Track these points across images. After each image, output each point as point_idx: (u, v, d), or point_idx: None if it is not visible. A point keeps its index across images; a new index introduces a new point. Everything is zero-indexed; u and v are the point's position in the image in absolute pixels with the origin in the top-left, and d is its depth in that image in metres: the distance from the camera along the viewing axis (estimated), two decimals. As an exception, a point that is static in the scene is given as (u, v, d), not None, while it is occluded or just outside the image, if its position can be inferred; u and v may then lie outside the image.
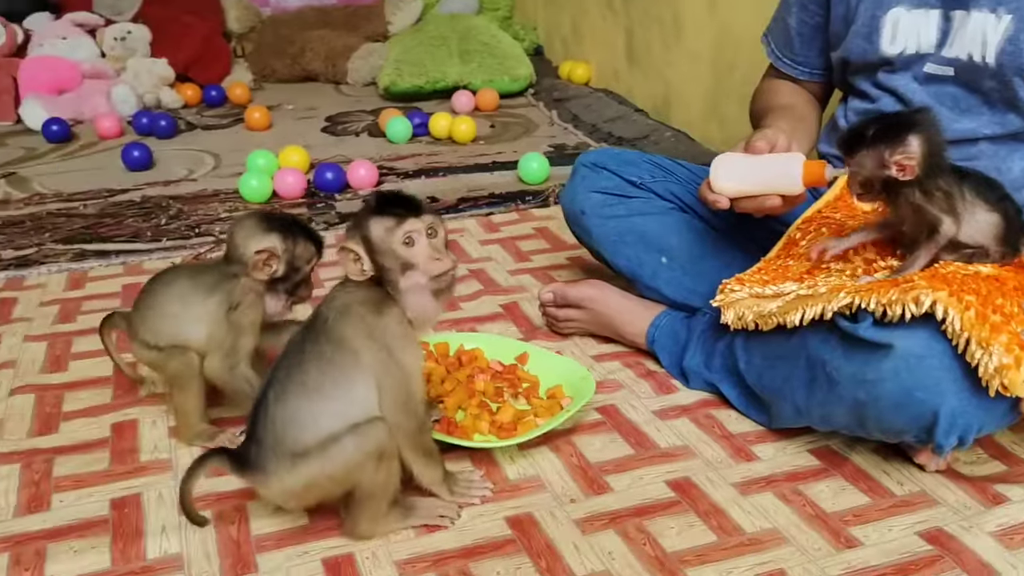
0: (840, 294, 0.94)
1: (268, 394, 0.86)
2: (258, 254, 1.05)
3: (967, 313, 0.84)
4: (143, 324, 1.07)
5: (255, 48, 3.22)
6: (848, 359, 0.93)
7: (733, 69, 2.17)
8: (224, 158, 2.32)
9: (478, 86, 2.83)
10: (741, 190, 1.06)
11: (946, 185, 0.93)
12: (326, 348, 0.85)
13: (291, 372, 0.85)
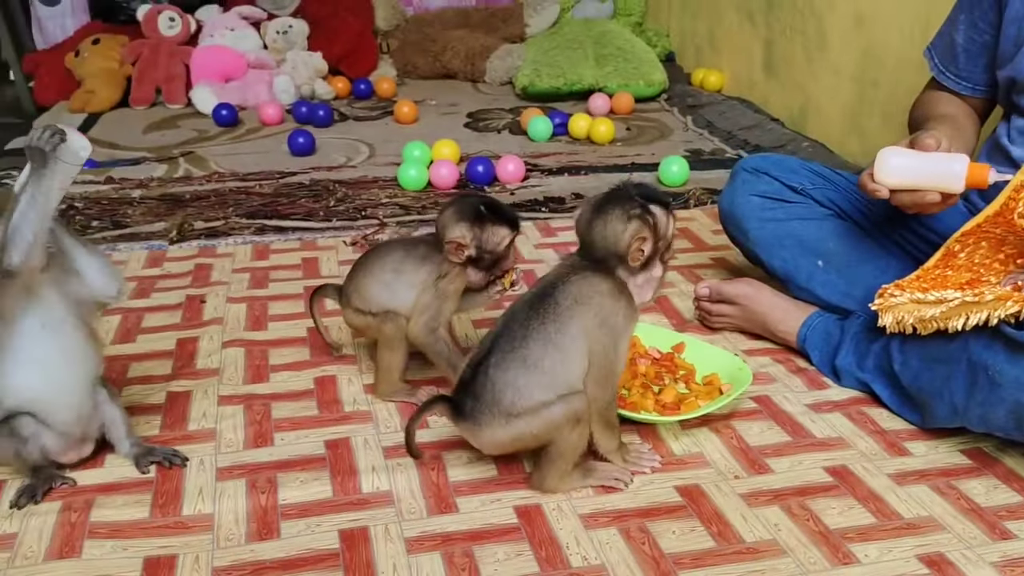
0: (1008, 303, 1.00)
1: (489, 359, 0.97)
2: (448, 243, 1.17)
3: None
4: (357, 292, 1.21)
5: (399, 45, 3.39)
6: (1012, 363, 0.98)
7: (877, 86, 2.19)
8: (378, 148, 2.49)
9: (613, 90, 2.93)
10: (904, 183, 1.12)
11: None
12: (552, 331, 0.96)
13: (515, 346, 0.96)
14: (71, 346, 1.01)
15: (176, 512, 0.99)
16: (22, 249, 0.92)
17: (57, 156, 0.94)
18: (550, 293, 0.99)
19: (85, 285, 1.01)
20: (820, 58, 2.46)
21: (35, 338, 0.97)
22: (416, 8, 3.60)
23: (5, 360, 0.97)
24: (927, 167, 1.12)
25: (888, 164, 1.13)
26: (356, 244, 1.81)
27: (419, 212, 1.98)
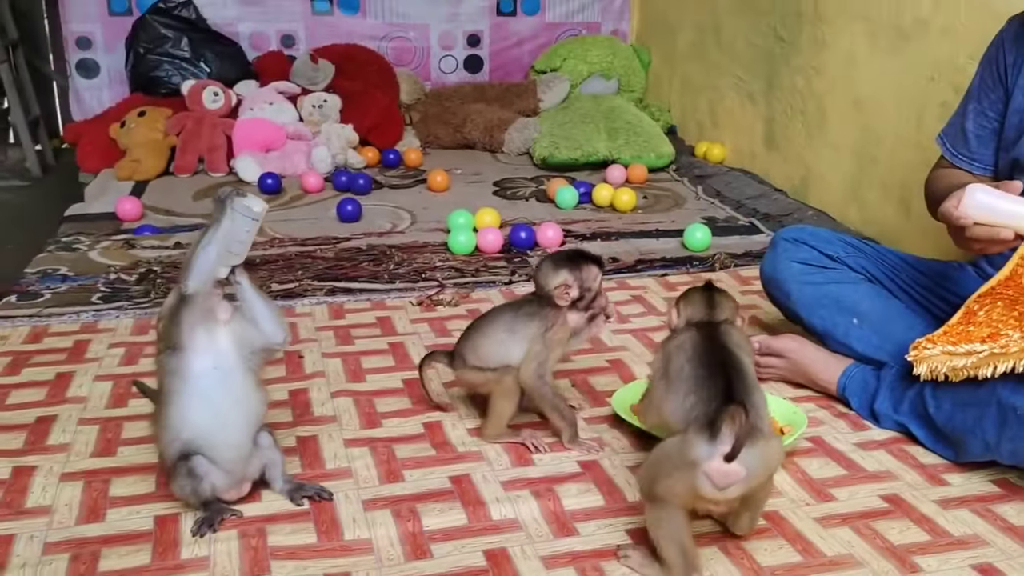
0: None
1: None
2: (557, 288, 1.36)
3: None
4: (475, 353, 1.38)
5: (422, 118, 3.62)
6: (1038, 404, 1.19)
7: (875, 161, 2.45)
8: (418, 215, 2.68)
9: (627, 161, 3.16)
10: (988, 217, 1.26)
11: None
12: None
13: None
14: (240, 390, 1.17)
15: (339, 537, 1.14)
16: (198, 279, 1.11)
17: (233, 207, 1.12)
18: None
19: (259, 332, 1.17)
20: (820, 135, 2.72)
21: (208, 377, 1.13)
22: (435, 83, 3.85)
23: (184, 392, 1.13)
24: (1010, 207, 1.26)
25: (975, 199, 1.27)
26: (422, 304, 1.99)
27: (473, 274, 2.17)
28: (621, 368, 1.69)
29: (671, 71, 3.76)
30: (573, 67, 3.75)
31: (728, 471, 0.99)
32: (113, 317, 1.88)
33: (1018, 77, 1.48)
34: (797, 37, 2.79)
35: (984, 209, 1.26)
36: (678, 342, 1.16)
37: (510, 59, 3.94)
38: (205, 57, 3.40)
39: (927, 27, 2.22)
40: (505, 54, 3.93)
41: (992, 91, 1.53)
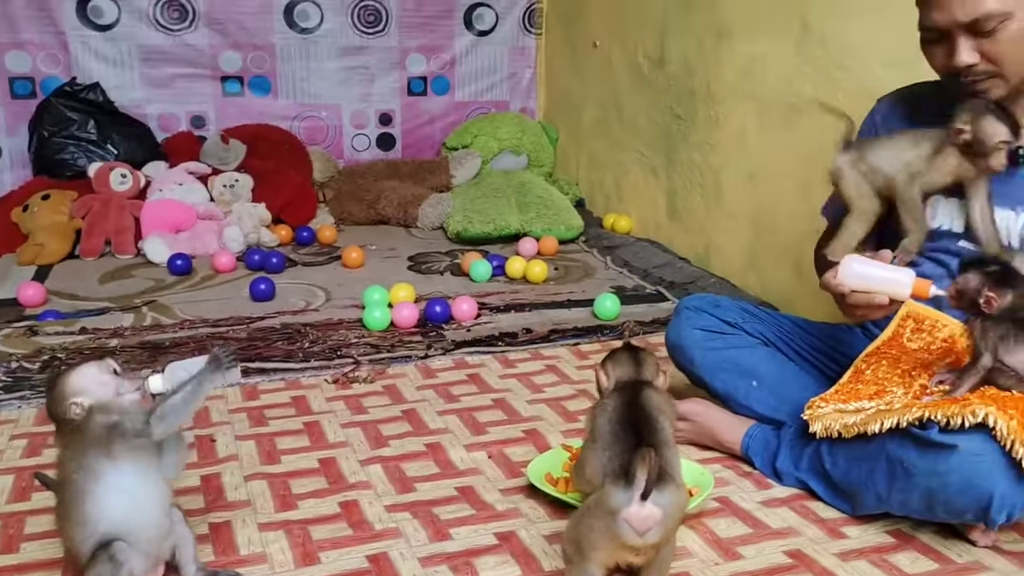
0: (913, 409, 1.29)
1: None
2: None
3: (1011, 422, 1.19)
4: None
5: (335, 195, 3.65)
6: (922, 457, 1.27)
7: (770, 231, 2.59)
8: (333, 292, 2.69)
9: (538, 233, 3.26)
10: (863, 284, 1.36)
11: (1002, 330, 1.29)
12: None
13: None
14: (156, 473, 1.15)
15: (254, 624, 1.12)
16: (166, 429, 1.14)
17: (226, 373, 1.18)
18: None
19: (163, 462, 1.17)
20: (718, 207, 2.87)
21: (126, 473, 1.12)
22: (348, 161, 3.90)
23: (99, 489, 1.11)
24: (883, 275, 1.37)
25: (851, 269, 1.37)
26: (338, 382, 1.99)
27: (388, 350, 2.18)
28: (536, 438, 1.72)
29: (578, 147, 3.91)
30: (484, 144, 3.86)
31: (646, 515, 1.05)
32: (15, 407, 1.82)
33: (887, 153, 1.62)
34: (693, 115, 2.96)
35: (859, 278, 1.36)
36: (602, 404, 1.23)
37: (422, 137, 4.03)
38: (112, 139, 3.37)
39: (812, 106, 2.40)
40: (417, 132, 4.02)
41: (866, 166, 1.66)
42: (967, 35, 1.33)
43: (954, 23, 1.33)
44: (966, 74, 1.37)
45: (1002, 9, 1.30)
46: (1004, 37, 1.32)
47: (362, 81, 3.89)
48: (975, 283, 1.31)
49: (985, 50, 1.34)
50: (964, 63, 1.35)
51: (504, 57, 4.08)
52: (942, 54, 1.39)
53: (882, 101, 1.65)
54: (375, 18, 3.82)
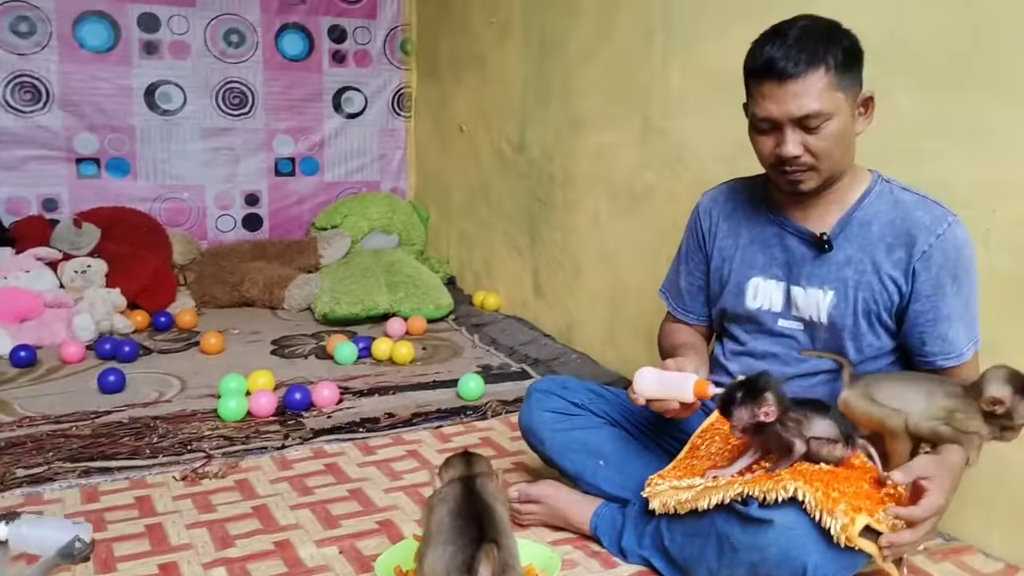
0: (735, 486, 1.37)
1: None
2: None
3: (817, 494, 1.28)
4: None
5: (197, 277, 3.57)
6: (744, 532, 1.34)
7: (624, 307, 2.71)
8: (189, 380, 2.61)
9: (407, 313, 3.28)
10: (653, 394, 1.51)
11: (795, 415, 1.39)
12: None
13: None
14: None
15: None
16: None
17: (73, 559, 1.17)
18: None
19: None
20: (578, 285, 2.97)
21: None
22: (211, 242, 3.83)
23: None
24: (668, 383, 1.52)
25: (641, 380, 1.52)
26: (186, 479, 1.92)
27: (243, 442, 2.13)
28: (390, 528, 1.71)
29: (448, 225, 3.99)
30: (354, 224, 3.88)
31: None
32: None
33: (714, 242, 1.74)
34: (552, 198, 3.09)
35: (650, 388, 1.52)
36: (441, 495, 1.25)
37: (290, 217, 4.02)
38: (-47, 225, 3.20)
39: (654, 193, 2.55)
40: (285, 212, 4.01)
41: (696, 254, 1.78)
42: (796, 129, 1.47)
43: (788, 117, 1.46)
44: (790, 164, 1.50)
45: (828, 110, 1.45)
46: (825, 134, 1.46)
47: (227, 162, 3.86)
48: (745, 414, 1.40)
49: (809, 144, 1.48)
50: (791, 154, 1.48)
51: (374, 139, 4.14)
52: (771, 143, 1.51)
53: (705, 196, 1.78)
54: (240, 100, 3.82)
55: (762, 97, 1.48)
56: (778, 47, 1.44)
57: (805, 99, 1.43)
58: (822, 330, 1.58)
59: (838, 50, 1.43)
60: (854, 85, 1.47)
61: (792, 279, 1.61)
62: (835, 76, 1.43)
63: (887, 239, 1.52)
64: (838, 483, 1.34)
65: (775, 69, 1.43)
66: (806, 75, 1.42)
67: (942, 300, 1.49)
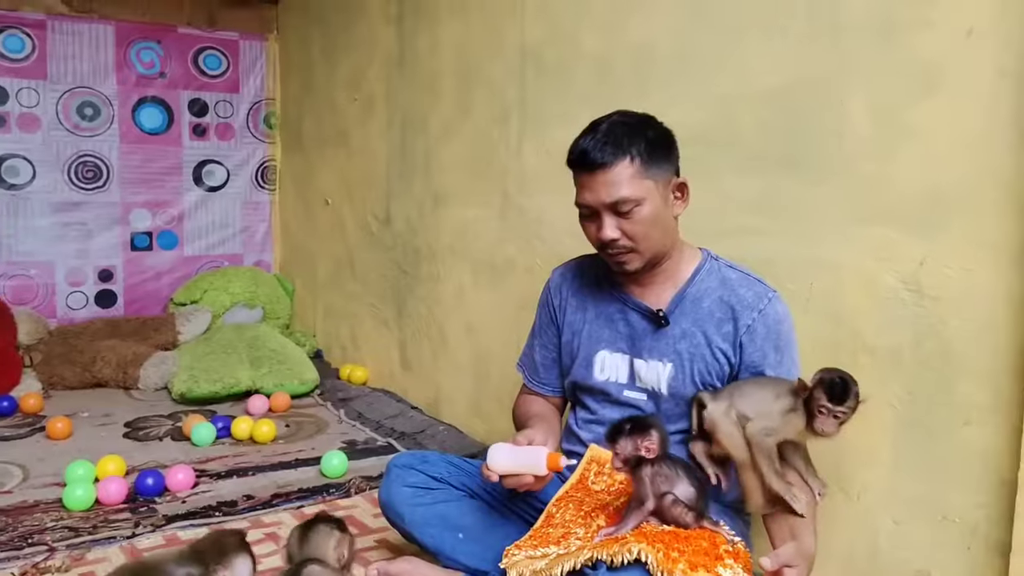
0: (584, 552, 1.43)
1: None
2: None
3: (658, 555, 1.36)
4: None
5: (44, 358, 3.39)
6: (594, 595, 1.40)
7: (489, 377, 2.77)
8: (32, 468, 2.46)
9: (270, 390, 3.22)
10: (507, 469, 1.56)
11: (668, 468, 1.47)
12: None
13: None
14: None
15: None
16: None
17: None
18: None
19: None
20: (444, 356, 3.02)
21: None
22: (61, 320, 3.65)
23: None
24: (521, 458, 1.57)
25: (494, 458, 1.57)
26: (26, 575, 1.81)
27: (90, 532, 2.02)
28: (246, 617, 1.66)
29: (314, 298, 3.97)
30: (215, 298, 3.80)
31: None
32: None
33: (564, 317, 1.83)
34: (417, 271, 3.14)
35: (504, 464, 1.56)
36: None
37: (147, 292, 3.90)
38: None
39: (514, 266, 2.65)
40: (141, 288, 3.89)
41: (549, 328, 1.87)
42: (611, 214, 1.59)
43: (600, 204, 1.58)
44: (611, 247, 1.61)
45: (636, 195, 1.56)
46: (638, 219, 1.58)
47: (79, 237, 3.72)
48: (629, 445, 1.50)
49: (625, 228, 1.59)
50: (608, 237, 1.59)
51: (237, 212, 4.10)
52: (593, 228, 1.63)
53: (555, 272, 1.88)
54: (95, 174, 3.72)
55: (580, 186, 1.61)
56: (590, 139, 1.57)
57: (614, 187, 1.56)
58: (664, 399, 1.69)
59: (642, 142, 1.57)
60: (664, 172, 1.60)
61: (635, 352, 1.71)
62: (641, 165, 1.56)
63: (716, 314, 1.65)
64: (678, 543, 1.42)
65: (586, 160, 1.57)
66: (613, 165, 1.55)
67: (768, 370, 1.62)
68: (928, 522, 1.59)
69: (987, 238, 1.48)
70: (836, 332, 1.74)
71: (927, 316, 1.58)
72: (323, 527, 1.33)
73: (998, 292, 1.47)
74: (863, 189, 1.68)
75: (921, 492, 1.60)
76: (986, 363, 1.49)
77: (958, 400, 1.54)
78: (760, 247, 1.85)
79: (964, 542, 1.53)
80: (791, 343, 1.65)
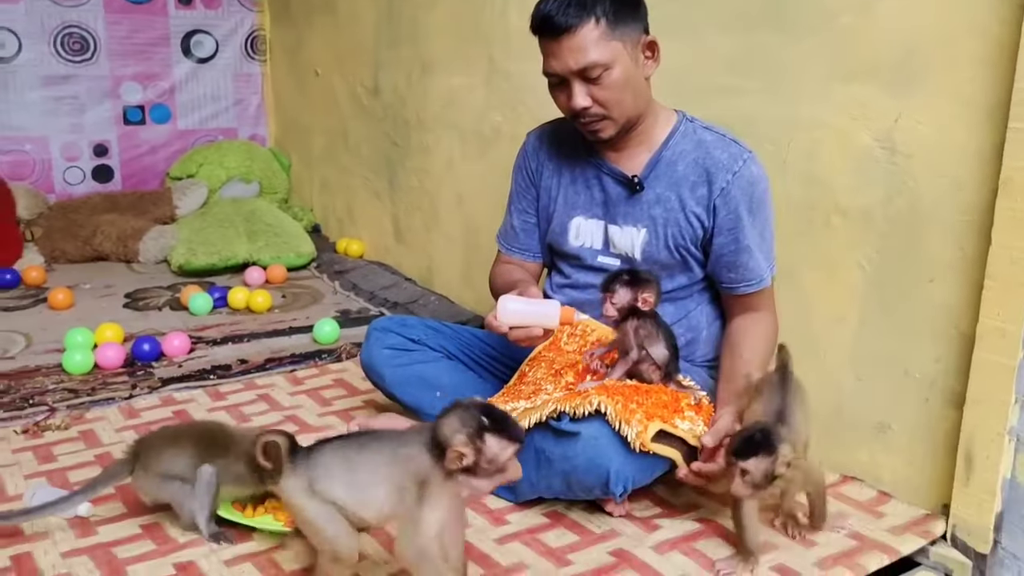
0: (549, 405, 1.49)
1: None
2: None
3: (617, 406, 1.41)
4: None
5: (45, 232, 3.43)
6: (557, 445, 1.46)
7: (479, 248, 2.79)
8: (35, 336, 2.55)
9: (267, 262, 3.26)
10: (518, 321, 1.53)
11: (652, 326, 1.51)
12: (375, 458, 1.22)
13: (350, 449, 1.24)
14: None
15: None
16: None
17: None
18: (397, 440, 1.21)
19: None
20: (436, 227, 3.03)
21: None
22: (60, 196, 3.68)
23: None
24: (533, 310, 1.54)
25: (506, 308, 1.53)
26: (27, 431, 1.90)
27: (89, 394, 2.11)
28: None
29: (311, 173, 3.96)
30: (211, 172, 3.80)
31: None
32: None
33: (540, 180, 1.83)
34: (407, 143, 3.12)
35: (514, 315, 1.52)
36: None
37: (143, 167, 3.90)
38: None
39: (501, 135, 2.62)
40: (137, 162, 3.88)
41: (526, 192, 1.87)
42: (580, 81, 1.55)
43: (568, 71, 1.55)
44: (583, 115, 1.59)
45: (604, 60, 1.53)
46: (608, 83, 1.55)
47: (71, 111, 3.69)
48: (627, 296, 1.53)
49: (595, 95, 1.56)
50: (579, 106, 1.57)
51: (229, 84, 4.04)
52: (563, 97, 1.60)
53: (530, 135, 1.86)
54: (81, 46, 3.65)
55: (546, 54, 1.57)
56: (552, 3, 1.51)
57: (580, 53, 1.51)
58: (637, 265, 1.70)
59: (607, 1, 1.50)
60: (632, 31, 1.54)
61: (609, 218, 1.72)
62: (607, 26, 1.50)
63: (691, 177, 1.63)
64: (638, 395, 1.48)
65: (550, 25, 1.51)
66: (578, 28, 1.49)
67: (741, 232, 1.63)
68: (889, 378, 1.63)
69: (962, 93, 1.45)
70: (811, 193, 1.74)
71: (899, 174, 1.57)
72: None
73: (969, 148, 1.45)
74: (842, 45, 1.63)
75: (884, 349, 1.64)
76: (952, 220, 1.49)
77: (924, 258, 1.55)
78: (739, 106, 1.82)
79: (922, 395, 1.58)
80: (764, 205, 1.65)
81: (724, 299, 1.72)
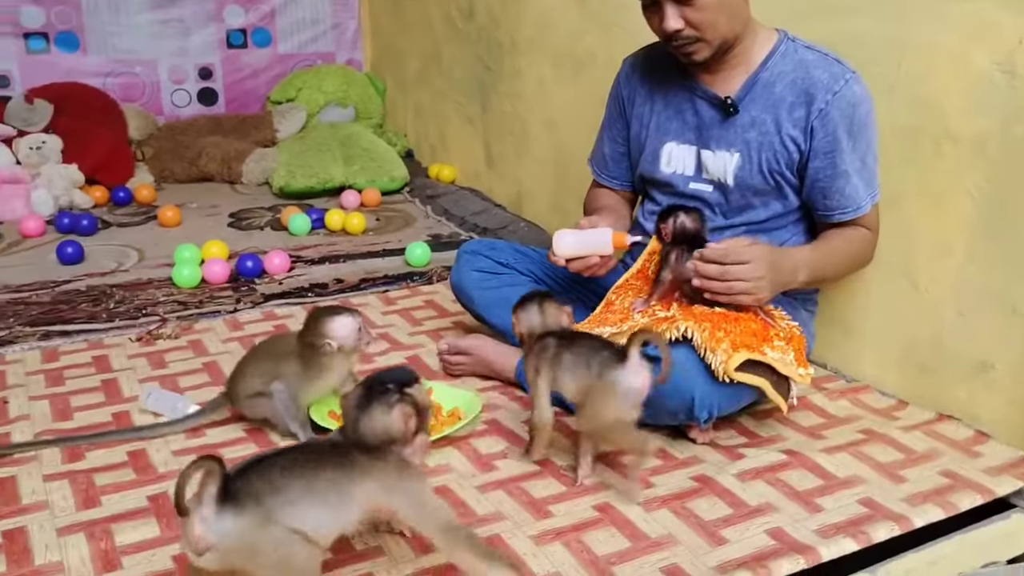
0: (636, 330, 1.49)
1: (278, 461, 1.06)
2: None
3: (703, 334, 1.40)
4: None
5: (155, 153, 3.59)
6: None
7: (569, 174, 2.78)
8: (147, 251, 2.69)
9: (362, 186, 3.33)
10: (573, 252, 1.59)
11: (675, 251, 1.52)
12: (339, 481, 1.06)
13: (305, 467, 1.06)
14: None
15: (30, 564, 1.20)
16: None
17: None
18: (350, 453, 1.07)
19: None
20: (527, 153, 3.03)
21: None
22: (168, 118, 3.82)
23: None
24: (586, 240, 1.60)
25: (560, 242, 1.61)
26: (141, 339, 2.03)
27: (197, 306, 2.23)
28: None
29: (405, 98, 3.98)
30: (309, 97, 3.87)
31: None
32: None
33: (632, 109, 1.80)
34: (500, 66, 3.09)
35: (570, 247, 1.59)
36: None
37: (245, 91, 4.00)
38: (-99, 102, 3.18)
39: (595, 58, 2.57)
40: (239, 86, 3.98)
41: (618, 121, 1.84)
42: (672, 3, 1.51)
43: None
44: (675, 38, 1.54)
45: None
46: (701, 5, 1.50)
47: (177, 34, 3.80)
48: (691, 223, 1.53)
49: (688, 17, 1.51)
50: (672, 28, 1.52)
51: (327, 7, 4.07)
52: (656, 20, 1.56)
53: (625, 61, 1.82)
54: (185, -32, 3.73)
55: None
56: None
57: None
58: (730, 191, 1.67)
59: None
60: None
61: (702, 143, 1.68)
62: None
63: (788, 99, 1.58)
64: (727, 323, 1.46)
65: None
66: None
67: (839, 156, 1.57)
68: (994, 314, 1.57)
69: (1097, 10, 1.34)
70: (919, 118, 1.65)
71: (1019, 100, 1.47)
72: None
73: (1100, 71, 1.35)
74: (964, -42, 1.52)
75: (990, 284, 1.57)
76: (1076, 150, 1.40)
77: (1041, 190, 1.46)
78: (845, 26, 1.73)
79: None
80: (867, 128, 1.58)
81: (820, 229, 1.67)
